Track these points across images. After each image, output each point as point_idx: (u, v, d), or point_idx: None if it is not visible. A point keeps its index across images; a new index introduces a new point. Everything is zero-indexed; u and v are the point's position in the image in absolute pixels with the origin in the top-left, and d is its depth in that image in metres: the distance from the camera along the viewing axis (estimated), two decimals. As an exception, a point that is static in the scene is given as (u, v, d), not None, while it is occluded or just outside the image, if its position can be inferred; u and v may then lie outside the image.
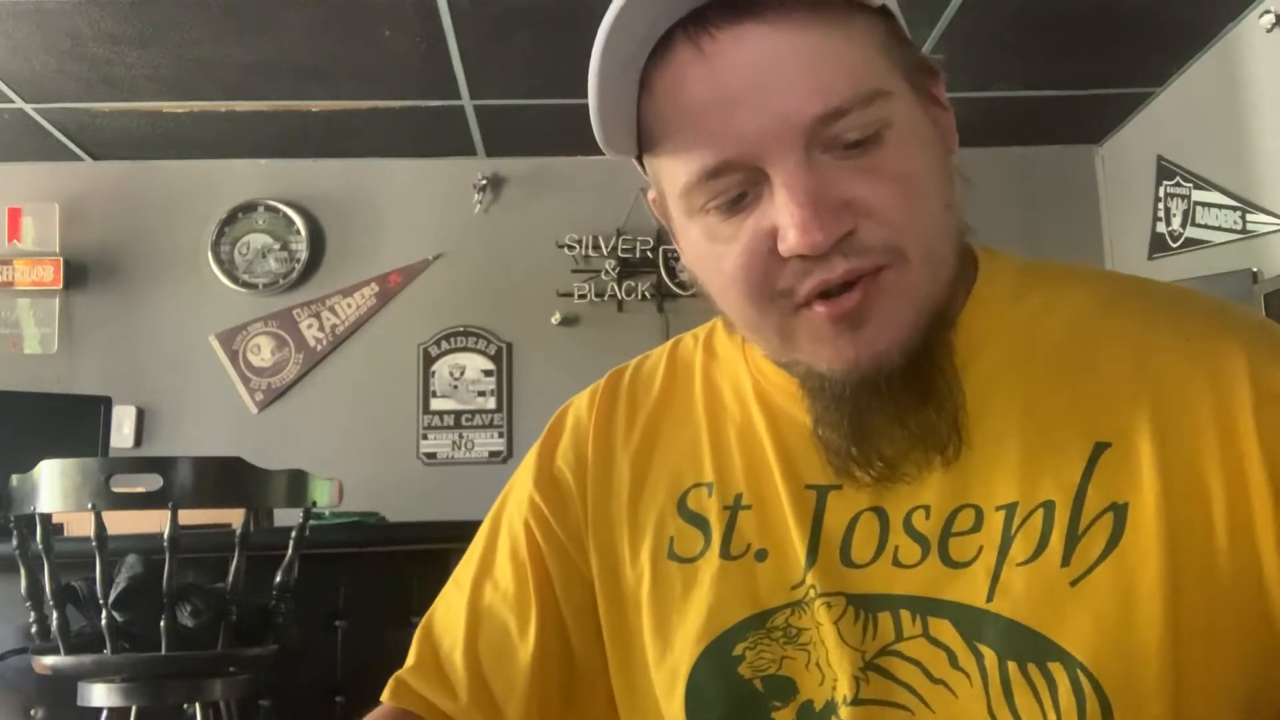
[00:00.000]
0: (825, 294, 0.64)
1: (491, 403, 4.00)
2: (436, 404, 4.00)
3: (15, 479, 1.82)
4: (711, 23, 0.63)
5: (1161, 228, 3.69)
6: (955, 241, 0.68)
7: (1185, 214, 3.55)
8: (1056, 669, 0.63)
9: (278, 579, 1.92)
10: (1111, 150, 4.11)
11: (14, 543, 1.86)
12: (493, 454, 3.96)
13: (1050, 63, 3.49)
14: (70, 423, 2.77)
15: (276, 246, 4.06)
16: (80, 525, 2.03)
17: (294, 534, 1.93)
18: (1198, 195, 3.49)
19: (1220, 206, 3.38)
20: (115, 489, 1.78)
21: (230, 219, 4.06)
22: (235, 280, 4.03)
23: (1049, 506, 0.65)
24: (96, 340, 3.98)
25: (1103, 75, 3.59)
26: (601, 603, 0.79)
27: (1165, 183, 3.67)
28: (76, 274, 4.00)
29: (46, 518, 1.80)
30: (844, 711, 0.68)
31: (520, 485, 0.85)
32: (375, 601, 2.33)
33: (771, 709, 0.70)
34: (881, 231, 0.63)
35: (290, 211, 4.06)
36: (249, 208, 4.07)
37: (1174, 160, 3.63)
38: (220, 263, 4.03)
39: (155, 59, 3.30)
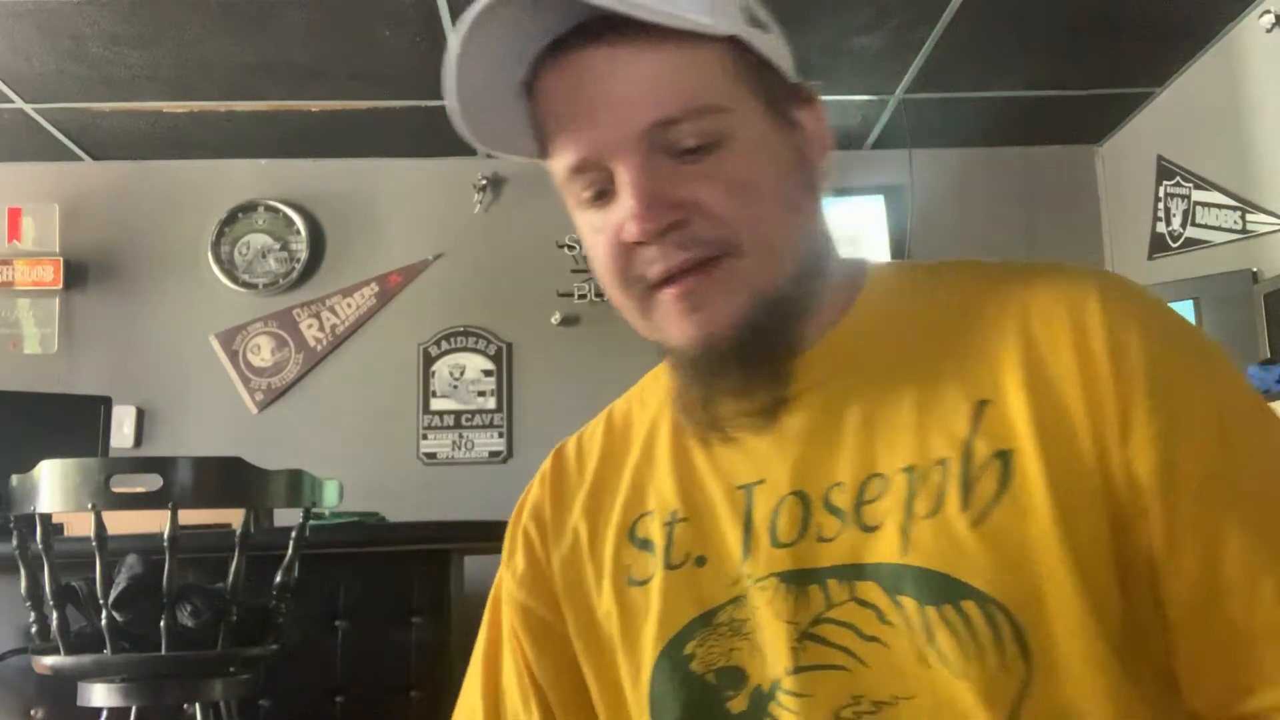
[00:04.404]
0: (672, 279, 0.74)
1: (491, 403, 4.00)
2: (436, 404, 4.00)
3: (15, 479, 1.82)
4: (571, 46, 0.74)
5: (1161, 228, 3.69)
6: (804, 241, 0.77)
7: (1185, 214, 3.55)
8: (969, 606, 0.69)
9: (278, 579, 1.92)
10: (1111, 150, 4.11)
11: (14, 543, 1.86)
12: (493, 454, 3.96)
13: (1050, 63, 3.49)
14: (70, 423, 2.77)
15: (276, 246, 4.06)
16: (80, 525, 2.03)
17: (294, 534, 1.93)
18: (1198, 195, 3.49)
19: (1220, 206, 3.38)
20: (115, 489, 1.78)
21: (230, 219, 4.06)
22: (235, 280, 4.03)
23: (944, 463, 0.72)
24: (96, 340, 3.98)
25: (1103, 75, 3.59)
26: (584, 659, 0.85)
27: (1165, 183, 3.67)
28: (76, 274, 4.00)
29: (46, 518, 1.80)
30: (786, 682, 0.73)
31: (501, 575, 0.91)
32: (375, 601, 2.33)
33: (726, 699, 0.75)
34: (713, 226, 0.73)
35: (290, 211, 4.06)
36: (249, 208, 4.07)
37: (1174, 160, 3.63)
38: (220, 263, 4.04)
39: (155, 59, 3.30)
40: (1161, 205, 3.69)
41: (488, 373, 4.02)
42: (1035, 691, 0.68)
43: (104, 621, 1.76)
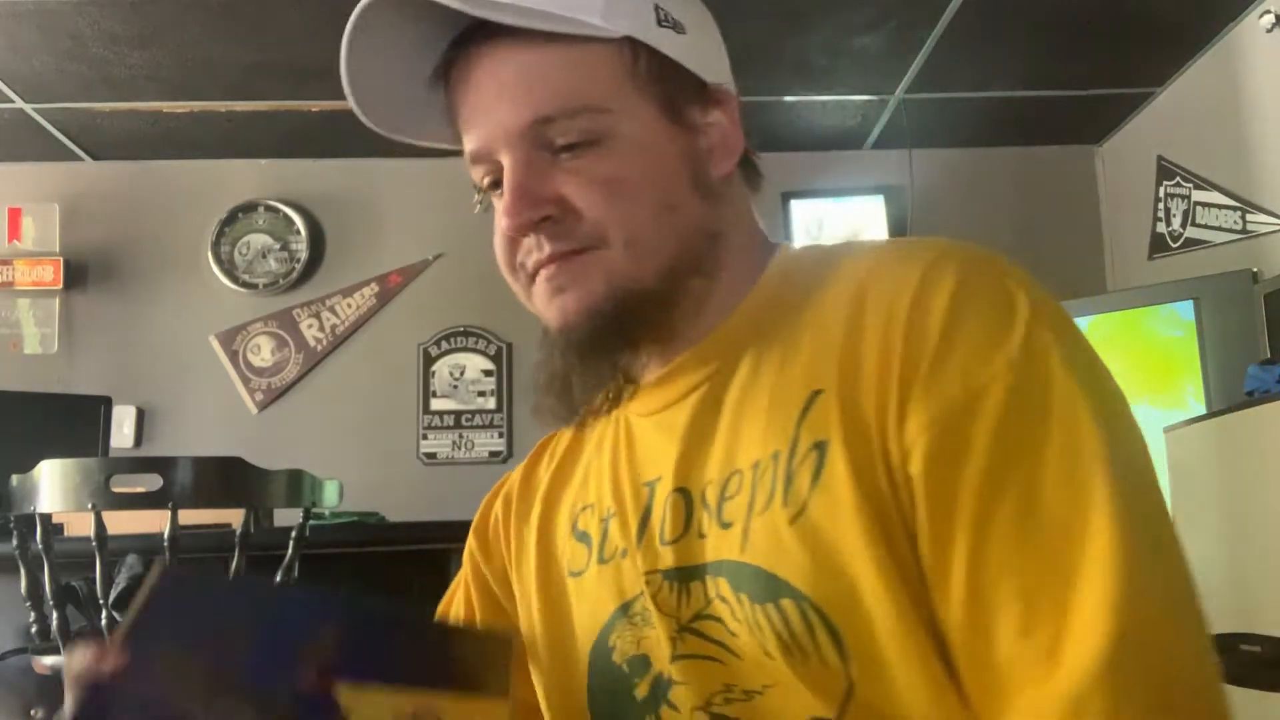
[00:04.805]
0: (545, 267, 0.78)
1: (491, 403, 4.00)
2: (436, 404, 4.00)
3: (15, 479, 1.82)
4: (471, 41, 0.78)
5: (1161, 228, 3.69)
6: (683, 240, 0.78)
7: (1185, 214, 3.55)
8: (788, 605, 0.68)
9: (278, 579, 1.92)
10: (1111, 150, 4.11)
11: (14, 543, 1.86)
12: (493, 454, 3.96)
13: (1050, 63, 3.49)
14: (70, 423, 2.77)
15: (276, 246, 4.06)
16: (80, 525, 2.03)
17: (294, 534, 1.94)
18: (1198, 195, 3.49)
19: (1220, 206, 3.38)
20: (115, 489, 1.78)
21: (230, 219, 4.06)
22: (235, 280, 4.03)
23: (777, 456, 0.71)
24: (96, 340, 3.98)
25: (1103, 75, 3.59)
26: (525, 631, 0.88)
27: (1165, 183, 3.67)
28: (76, 274, 4.00)
29: (46, 518, 1.80)
30: (669, 670, 0.75)
31: (469, 538, 0.98)
32: (375, 601, 2.32)
33: (633, 686, 0.78)
34: (580, 222, 0.76)
35: (290, 211, 4.06)
36: (249, 208, 4.07)
37: (1174, 160, 3.63)
38: (220, 263, 4.03)
39: (155, 59, 3.30)
40: (1161, 205, 3.69)
41: (488, 373, 4.02)
42: (860, 692, 0.66)
43: (104, 621, 1.76)
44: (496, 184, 0.79)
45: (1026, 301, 0.68)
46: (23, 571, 1.86)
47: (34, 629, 1.87)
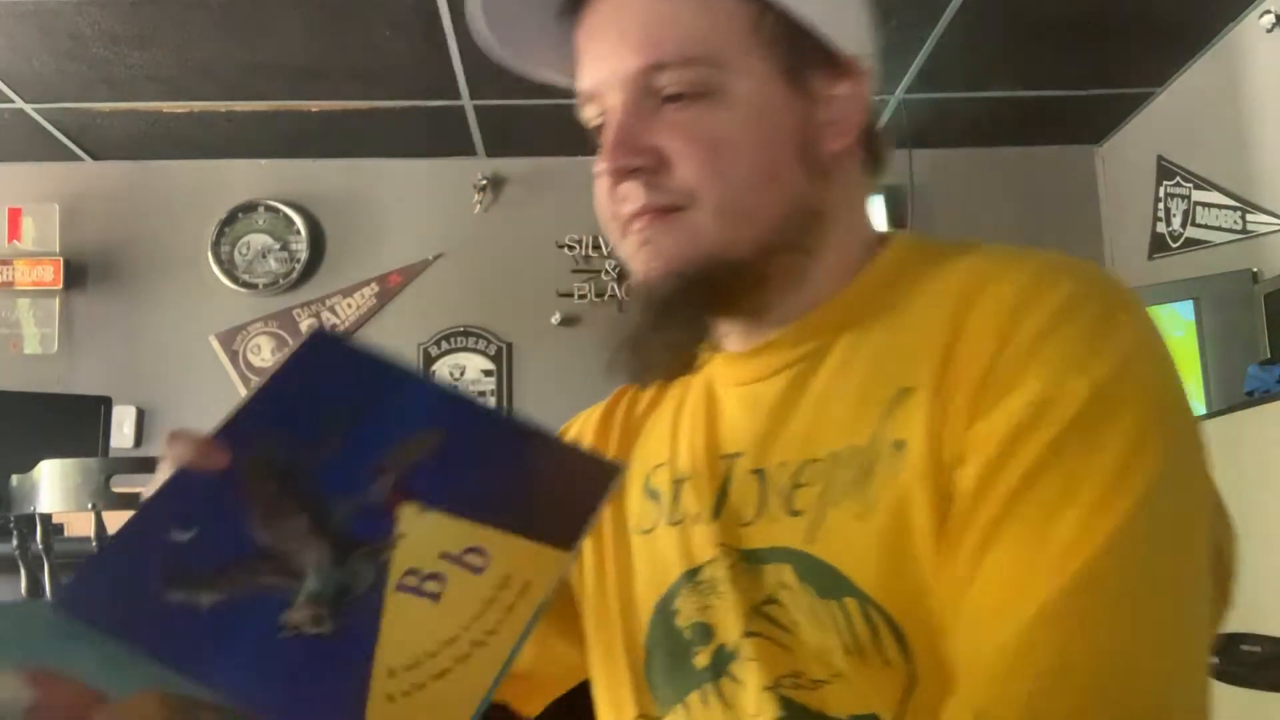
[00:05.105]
0: (639, 217, 0.76)
1: (491, 403, 4.00)
2: (436, 404, 4.00)
3: (15, 479, 1.82)
4: None
5: (1161, 228, 3.69)
6: (781, 212, 0.75)
7: (1185, 214, 3.55)
8: (851, 604, 0.67)
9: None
10: (1111, 150, 4.11)
11: (14, 543, 1.86)
12: (493, 454, 3.95)
13: (1050, 63, 3.49)
14: (70, 423, 2.78)
15: (276, 246, 4.06)
16: (80, 525, 2.03)
17: (294, 534, 1.93)
18: (1198, 195, 3.49)
19: (1220, 206, 3.38)
20: (115, 489, 1.78)
21: (230, 219, 4.06)
22: (235, 280, 4.03)
23: (857, 449, 0.70)
24: (96, 340, 3.98)
25: (1103, 75, 3.59)
26: (592, 581, 0.87)
27: (1165, 183, 3.67)
28: (76, 274, 4.00)
29: (46, 518, 1.80)
30: (739, 644, 0.73)
31: None
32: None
33: (694, 654, 0.76)
34: (676, 177, 0.73)
35: (290, 211, 4.06)
36: (249, 208, 4.07)
37: (1174, 160, 3.63)
38: (220, 263, 4.04)
39: (155, 59, 3.30)
40: (1161, 205, 3.69)
41: (488, 373, 4.02)
42: (921, 693, 0.65)
43: (104, 621, 1.76)
44: (603, 127, 0.77)
45: (1131, 332, 0.65)
46: (23, 571, 1.86)
47: (34, 629, 1.87)
